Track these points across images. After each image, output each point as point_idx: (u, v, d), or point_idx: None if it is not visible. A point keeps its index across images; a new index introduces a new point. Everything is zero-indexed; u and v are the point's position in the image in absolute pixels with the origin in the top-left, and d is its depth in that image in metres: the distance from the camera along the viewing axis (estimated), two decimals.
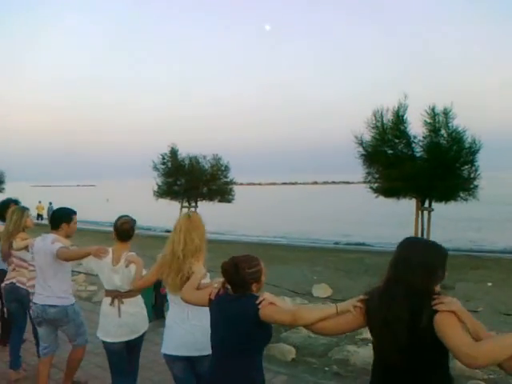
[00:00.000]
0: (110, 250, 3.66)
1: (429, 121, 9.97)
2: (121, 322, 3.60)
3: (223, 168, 17.80)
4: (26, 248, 4.40)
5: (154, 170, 17.48)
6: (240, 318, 2.38)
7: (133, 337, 3.64)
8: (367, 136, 10.71)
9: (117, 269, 3.57)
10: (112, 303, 3.64)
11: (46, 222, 33.23)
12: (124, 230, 3.69)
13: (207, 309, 2.80)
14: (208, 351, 2.78)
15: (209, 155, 17.76)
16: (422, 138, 10.24)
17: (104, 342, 3.68)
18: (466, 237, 25.00)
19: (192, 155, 17.60)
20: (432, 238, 10.72)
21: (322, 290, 11.03)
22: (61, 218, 4.19)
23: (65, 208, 4.31)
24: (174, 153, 17.51)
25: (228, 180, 17.91)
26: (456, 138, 9.85)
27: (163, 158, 17.48)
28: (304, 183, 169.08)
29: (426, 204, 10.68)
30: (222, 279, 2.56)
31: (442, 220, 19.47)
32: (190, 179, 16.99)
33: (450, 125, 9.89)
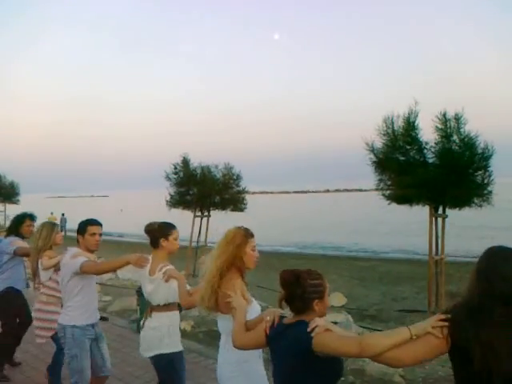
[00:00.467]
0: (150, 258, 3.48)
1: (440, 126, 9.90)
2: (144, 335, 3.48)
3: (235, 177, 17.82)
4: (55, 266, 4.20)
5: (166, 179, 17.56)
6: (291, 350, 2.10)
7: (156, 352, 3.40)
8: (378, 143, 10.67)
9: (152, 279, 3.39)
10: (145, 315, 3.51)
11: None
12: (148, 236, 3.52)
13: None
14: None
15: (221, 164, 17.81)
16: (433, 144, 10.17)
17: None
18: (480, 244, 24.70)
19: (204, 164, 17.67)
20: (446, 245, 10.63)
21: (336, 299, 10.98)
22: (78, 230, 3.95)
23: (87, 219, 4.02)
24: (185, 162, 17.58)
25: (240, 189, 17.92)
26: (468, 143, 9.76)
27: (175, 168, 17.56)
28: (316, 191, 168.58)
29: (440, 211, 10.59)
30: (274, 309, 2.32)
31: (456, 227, 19.26)
32: (203, 188, 17.02)
33: (461, 130, 9.82)
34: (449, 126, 9.84)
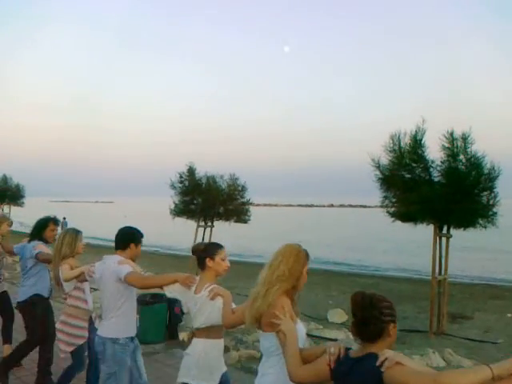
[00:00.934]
0: (198, 278, 3.34)
1: (447, 145, 9.89)
2: (188, 360, 3.27)
3: (240, 188, 17.82)
4: (79, 277, 4.00)
5: (172, 188, 17.59)
6: None
7: (183, 380, 3.22)
8: (384, 160, 10.66)
9: (197, 298, 3.23)
10: (188, 338, 3.38)
11: None
12: (194, 254, 3.41)
13: (278, 363, 2.49)
14: None
15: (226, 175, 17.84)
16: (439, 163, 10.15)
17: None
18: (483, 265, 24.57)
19: (209, 174, 17.70)
20: (450, 265, 10.56)
21: (337, 316, 10.91)
22: (130, 236, 3.77)
23: (134, 227, 3.84)
24: (191, 171, 17.62)
25: (245, 200, 17.92)
26: (475, 163, 9.74)
27: (181, 177, 17.59)
28: (320, 206, 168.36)
29: (444, 230, 10.54)
30: (337, 342, 2.16)
31: (460, 248, 19.15)
32: (207, 198, 17.03)
33: (468, 150, 9.80)
34: (455, 146, 9.83)
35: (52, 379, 4.83)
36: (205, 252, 3.36)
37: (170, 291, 3.38)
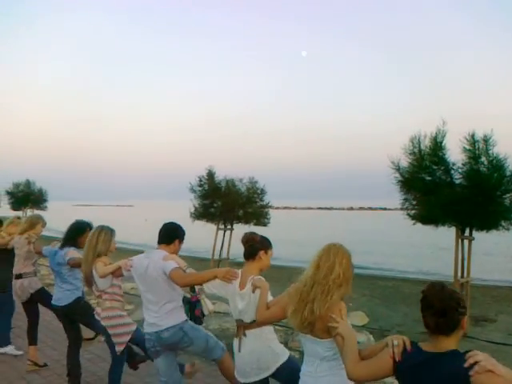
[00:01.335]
0: (240, 272, 3.29)
1: (468, 147, 9.79)
2: (244, 359, 3.21)
3: (259, 191, 17.88)
4: (116, 272, 4.04)
5: (191, 191, 17.72)
6: None
7: (263, 375, 3.19)
8: (404, 162, 10.59)
9: (243, 294, 3.18)
10: (237, 335, 3.28)
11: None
12: (246, 246, 3.33)
13: (341, 367, 2.37)
14: None
15: (245, 178, 17.90)
16: (461, 165, 10.05)
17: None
18: (507, 268, 24.17)
19: (229, 178, 17.79)
20: (472, 268, 10.43)
21: (358, 318, 10.86)
22: (176, 232, 3.81)
23: (179, 224, 3.88)
24: (211, 175, 17.73)
25: (264, 203, 17.95)
26: (497, 165, 9.62)
27: (200, 180, 17.71)
28: (340, 208, 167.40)
29: (466, 233, 10.42)
30: (398, 337, 2.08)
31: (482, 250, 18.89)
32: (227, 202, 17.11)
33: (490, 152, 9.68)
34: (477, 148, 9.73)
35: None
36: (261, 243, 3.34)
37: (209, 287, 3.37)
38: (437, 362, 1.89)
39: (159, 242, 3.73)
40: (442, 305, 1.94)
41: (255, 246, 3.31)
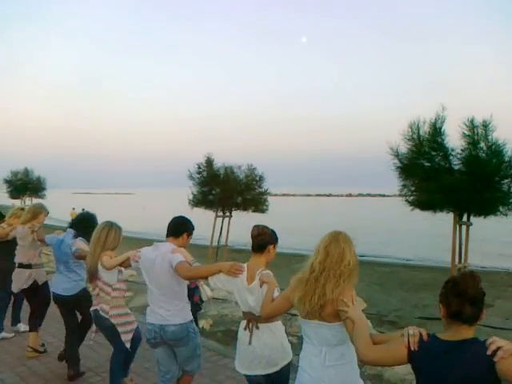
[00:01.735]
0: (245, 266, 3.27)
1: (467, 133, 9.77)
2: (254, 352, 3.18)
3: (258, 178, 17.87)
4: (124, 263, 4.05)
5: (190, 179, 17.71)
6: (466, 374, 1.84)
7: (270, 370, 3.18)
8: (403, 148, 10.58)
9: (251, 288, 3.16)
10: (246, 327, 3.23)
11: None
12: (256, 239, 3.31)
13: (349, 350, 2.47)
14: None
15: (243, 165, 17.88)
16: (460, 151, 10.04)
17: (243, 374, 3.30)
18: (504, 253, 24.28)
19: (227, 165, 17.76)
20: (470, 254, 10.47)
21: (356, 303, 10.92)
22: (185, 226, 3.80)
23: (188, 218, 3.87)
24: (209, 162, 17.71)
25: (262, 190, 17.96)
26: (496, 151, 9.61)
27: (199, 168, 17.70)
28: (338, 195, 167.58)
29: (464, 218, 10.44)
30: (415, 328, 2.06)
31: (480, 236, 18.95)
32: (225, 189, 17.12)
33: (489, 137, 9.66)
34: (476, 133, 9.71)
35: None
36: (271, 237, 3.34)
37: (214, 282, 3.35)
38: (458, 350, 1.90)
39: (168, 235, 3.73)
40: (474, 293, 1.94)
41: (266, 240, 3.30)
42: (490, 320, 10.03)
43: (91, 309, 4.43)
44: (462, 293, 1.94)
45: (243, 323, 3.27)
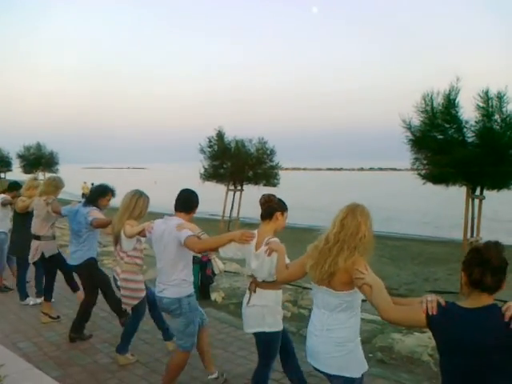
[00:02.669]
0: (256, 232, 3.35)
1: (481, 105, 9.60)
2: (248, 311, 3.39)
3: (268, 152, 17.83)
4: (141, 233, 4.13)
5: (201, 152, 17.71)
6: (483, 341, 1.89)
7: (258, 329, 3.36)
8: (416, 120, 10.44)
9: (257, 254, 3.26)
10: (249, 288, 3.40)
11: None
12: (264, 206, 3.39)
13: (350, 318, 2.59)
14: (345, 372, 2.58)
15: (254, 139, 17.82)
16: (473, 123, 9.88)
17: None
18: None
19: (238, 139, 17.72)
20: (482, 227, 10.41)
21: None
22: (194, 199, 3.84)
23: (195, 191, 3.90)
24: (220, 136, 17.68)
25: (273, 164, 17.93)
26: (510, 123, 9.45)
27: (210, 141, 17.69)
28: (350, 169, 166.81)
29: (477, 192, 10.35)
30: (433, 295, 2.12)
31: (493, 209, 18.82)
32: (236, 163, 17.11)
33: (504, 109, 9.49)
34: (490, 105, 9.54)
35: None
36: (278, 205, 3.40)
37: (225, 252, 3.42)
38: (477, 315, 1.94)
39: (177, 209, 3.77)
40: (498, 263, 1.97)
41: (273, 207, 3.37)
42: (500, 294, 10.03)
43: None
44: (485, 262, 1.96)
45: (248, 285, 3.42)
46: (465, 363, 1.95)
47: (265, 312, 3.32)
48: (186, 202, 3.79)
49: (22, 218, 6.45)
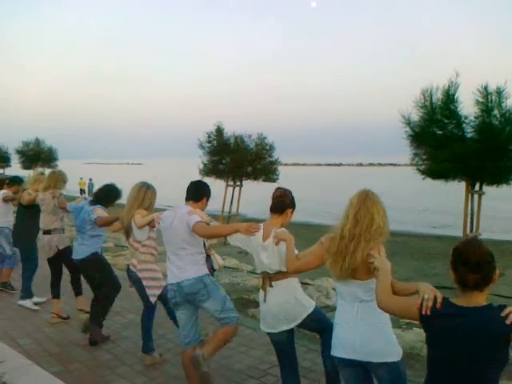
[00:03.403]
0: (262, 225, 3.35)
1: (481, 100, 9.59)
2: (272, 310, 3.27)
3: (268, 147, 17.79)
4: (150, 224, 4.18)
5: (200, 148, 17.67)
6: (479, 339, 1.91)
7: (290, 326, 3.29)
8: (415, 116, 10.43)
9: (265, 245, 3.25)
10: (262, 287, 3.32)
11: (86, 196, 34.61)
12: (277, 200, 3.39)
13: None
14: (384, 358, 2.53)
15: (254, 134, 17.78)
16: (473, 119, 9.87)
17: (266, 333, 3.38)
18: None
19: (237, 134, 17.67)
20: (481, 222, 10.42)
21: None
22: (204, 189, 3.90)
23: (205, 182, 4.01)
24: (219, 131, 17.63)
25: (273, 159, 17.90)
26: (510, 118, 9.45)
27: (209, 137, 17.64)
28: (349, 164, 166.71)
29: (476, 187, 10.35)
30: (431, 290, 2.12)
31: (492, 205, 18.83)
32: (235, 158, 17.08)
33: (503, 104, 9.48)
34: (490, 100, 9.53)
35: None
36: (291, 202, 3.43)
37: (233, 240, 3.47)
38: (472, 316, 1.94)
39: (187, 199, 3.83)
40: (478, 260, 1.96)
41: (286, 203, 3.39)
42: (499, 289, 10.06)
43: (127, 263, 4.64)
44: (466, 261, 1.98)
45: (260, 283, 3.36)
46: (457, 360, 1.98)
47: (298, 299, 3.29)
48: (196, 191, 3.84)
49: (28, 211, 6.44)
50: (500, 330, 1.86)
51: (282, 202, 3.36)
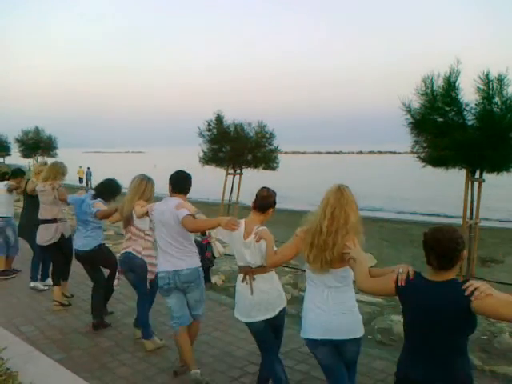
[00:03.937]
0: (243, 221, 3.47)
1: (482, 87, 9.53)
2: (254, 300, 3.41)
3: (268, 135, 17.74)
4: (147, 214, 4.30)
5: (200, 136, 17.64)
6: (446, 311, 2.12)
7: (269, 315, 3.42)
8: (416, 103, 10.38)
9: (247, 243, 3.38)
10: (244, 280, 3.45)
11: (84, 185, 34.65)
12: (262, 200, 3.47)
13: (347, 290, 2.90)
14: (354, 334, 2.86)
15: (254, 122, 17.72)
16: (474, 106, 9.82)
17: (244, 323, 3.55)
18: None
19: (237, 122, 17.61)
20: (481, 210, 10.43)
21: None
22: (189, 181, 4.08)
23: (187, 172, 4.15)
24: (219, 119, 17.57)
25: (273, 147, 17.86)
26: (510, 106, 9.40)
27: (209, 125, 17.58)
28: (349, 152, 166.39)
29: (477, 175, 10.35)
30: (404, 266, 2.37)
31: (492, 192, 18.83)
32: (235, 146, 17.05)
33: (504, 92, 9.43)
34: (491, 88, 9.48)
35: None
36: (274, 202, 3.54)
37: (216, 233, 3.70)
38: (437, 289, 2.18)
39: (175, 191, 4.01)
40: (442, 249, 2.16)
41: (271, 203, 3.50)
42: (499, 276, 10.12)
43: (121, 252, 4.75)
44: (432, 247, 2.20)
45: (240, 277, 3.49)
46: (425, 325, 2.20)
47: (279, 291, 3.50)
48: (183, 183, 4.05)
49: (33, 200, 6.48)
50: (460, 300, 2.07)
51: (268, 203, 3.48)
